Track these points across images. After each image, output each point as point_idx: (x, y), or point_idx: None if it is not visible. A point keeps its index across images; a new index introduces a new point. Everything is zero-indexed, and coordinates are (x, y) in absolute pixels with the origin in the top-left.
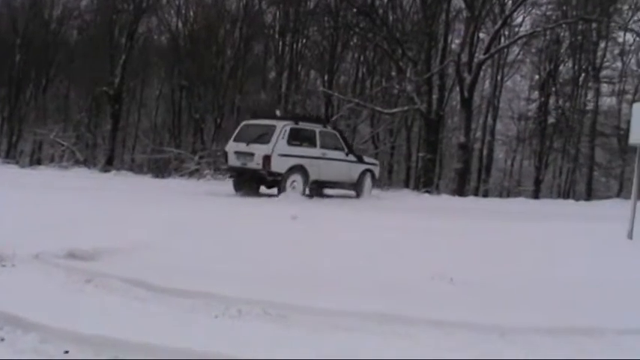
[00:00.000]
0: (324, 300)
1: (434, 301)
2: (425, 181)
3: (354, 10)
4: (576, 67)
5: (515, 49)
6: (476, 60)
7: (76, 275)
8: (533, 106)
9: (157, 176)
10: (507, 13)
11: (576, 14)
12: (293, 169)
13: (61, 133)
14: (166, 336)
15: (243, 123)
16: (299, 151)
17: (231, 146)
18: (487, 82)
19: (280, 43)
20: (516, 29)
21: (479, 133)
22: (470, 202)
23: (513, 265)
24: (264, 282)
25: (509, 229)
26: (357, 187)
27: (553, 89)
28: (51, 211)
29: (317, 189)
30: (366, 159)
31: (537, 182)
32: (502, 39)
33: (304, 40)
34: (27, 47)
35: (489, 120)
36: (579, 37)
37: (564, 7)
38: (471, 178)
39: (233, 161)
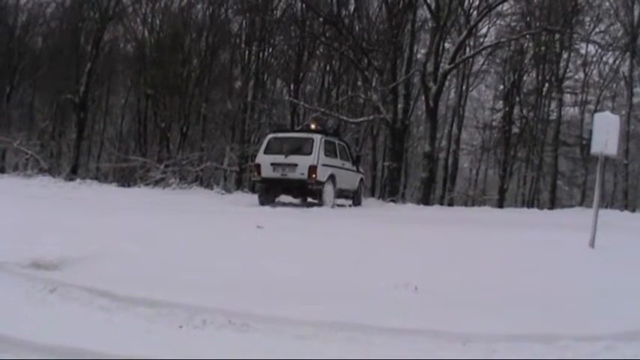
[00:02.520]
0: (288, 309)
1: (397, 310)
2: (390, 190)
3: (321, 19)
4: (540, 77)
5: (480, 59)
6: (441, 70)
7: (39, 285)
8: (498, 115)
9: (122, 185)
10: (472, 23)
11: (540, 25)
12: (329, 179)
13: (25, 142)
14: (129, 346)
15: (271, 136)
16: (330, 162)
17: (265, 158)
18: (452, 92)
19: (246, 52)
20: (481, 40)
21: (444, 143)
22: (436, 210)
23: (477, 273)
24: (229, 291)
25: (474, 237)
26: (355, 195)
27: (517, 99)
28: (15, 220)
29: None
30: (360, 169)
31: (502, 191)
32: (467, 49)
33: (270, 49)
34: None
35: (454, 129)
36: (543, 48)
37: (528, 19)
38: (436, 187)
39: (269, 173)
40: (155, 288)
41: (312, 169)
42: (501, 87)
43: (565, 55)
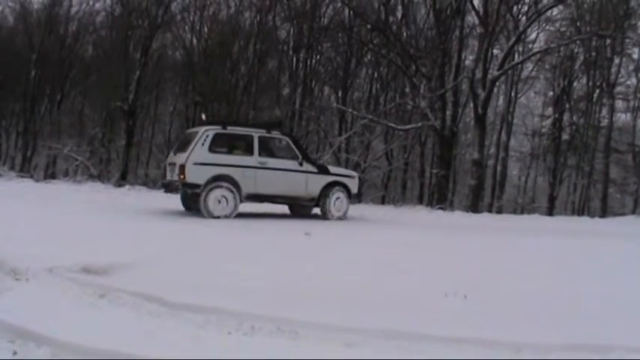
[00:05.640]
0: (336, 316)
1: (446, 318)
2: (439, 197)
3: (368, 26)
4: (590, 83)
5: (529, 65)
6: (490, 76)
7: (89, 290)
8: (547, 122)
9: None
10: (521, 29)
11: (590, 30)
12: (216, 181)
13: (75, 148)
14: (179, 352)
15: (186, 132)
16: (226, 160)
17: (169, 158)
18: (501, 99)
19: (294, 59)
20: (530, 45)
21: (493, 150)
22: (485, 218)
23: (528, 281)
24: (276, 297)
25: (523, 245)
26: (319, 203)
27: (567, 105)
28: (65, 225)
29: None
30: (333, 169)
31: (551, 199)
32: (516, 55)
33: (318, 56)
34: (42, 62)
35: (503, 136)
36: (593, 54)
37: (578, 24)
38: (484, 195)
39: (167, 174)
40: (204, 294)
41: (181, 168)
42: (551, 93)
43: (617, 61)
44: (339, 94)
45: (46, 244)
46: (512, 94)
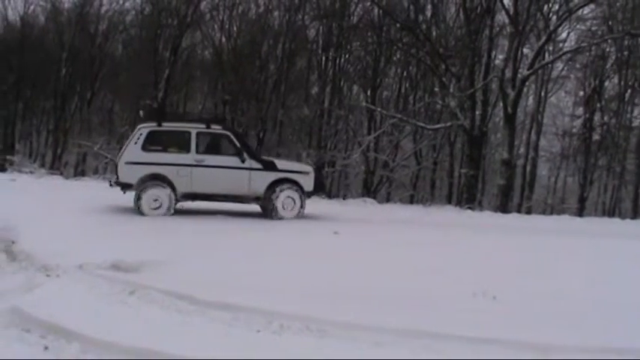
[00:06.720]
0: (363, 316)
1: (474, 319)
2: (468, 197)
3: (398, 25)
4: (622, 82)
5: (560, 64)
6: (520, 76)
7: (119, 287)
8: (578, 122)
9: None
10: (552, 28)
11: (622, 29)
12: (150, 180)
13: (105, 146)
14: (208, 349)
15: None
16: (160, 158)
17: None
18: (531, 98)
19: (323, 58)
20: (561, 45)
21: (522, 150)
22: (514, 219)
23: (557, 283)
24: (303, 297)
25: (553, 246)
26: (266, 201)
27: (598, 105)
28: (94, 222)
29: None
30: (282, 165)
31: (582, 200)
32: (546, 54)
33: (347, 55)
34: (73, 61)
35: (533, 136)
36: (625, 53)
37: (610, 23)
38: (514, 195)
39: None
40: (232, 292)
41: (115, 168)
42: (581, 93)
43: None
44: (368, 93)
45: (76, 241)
46: (543, 93)
